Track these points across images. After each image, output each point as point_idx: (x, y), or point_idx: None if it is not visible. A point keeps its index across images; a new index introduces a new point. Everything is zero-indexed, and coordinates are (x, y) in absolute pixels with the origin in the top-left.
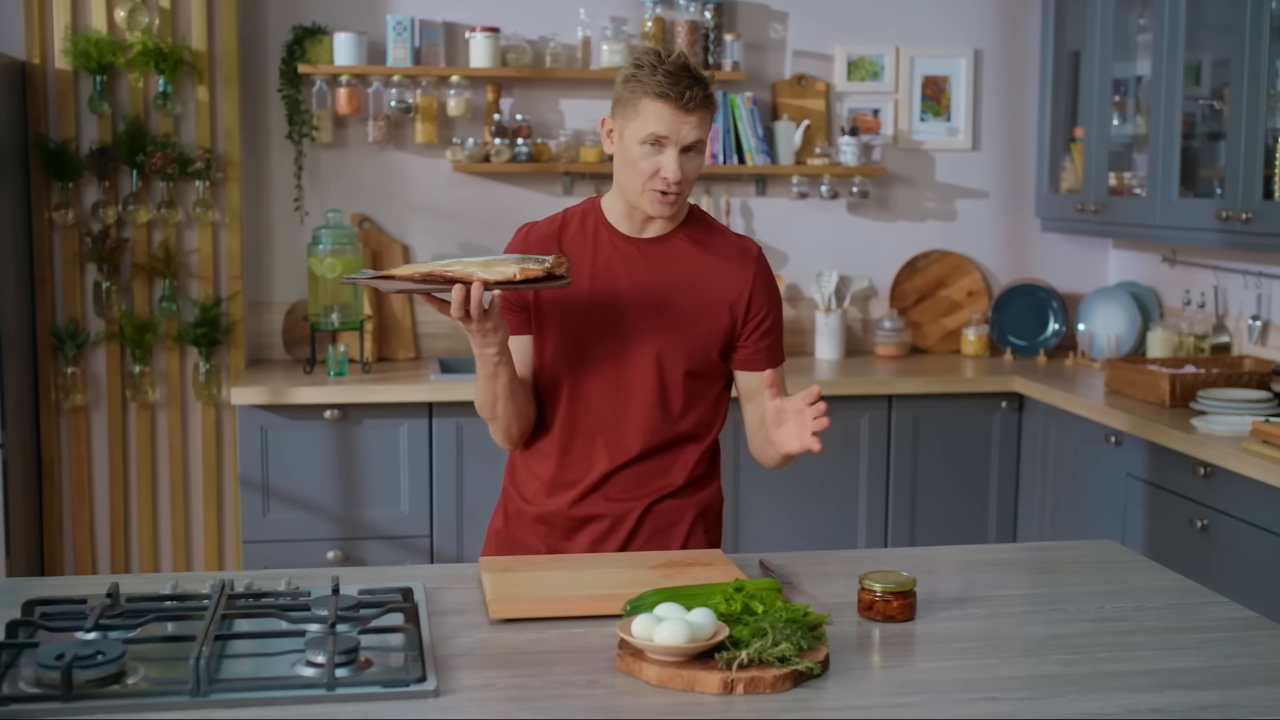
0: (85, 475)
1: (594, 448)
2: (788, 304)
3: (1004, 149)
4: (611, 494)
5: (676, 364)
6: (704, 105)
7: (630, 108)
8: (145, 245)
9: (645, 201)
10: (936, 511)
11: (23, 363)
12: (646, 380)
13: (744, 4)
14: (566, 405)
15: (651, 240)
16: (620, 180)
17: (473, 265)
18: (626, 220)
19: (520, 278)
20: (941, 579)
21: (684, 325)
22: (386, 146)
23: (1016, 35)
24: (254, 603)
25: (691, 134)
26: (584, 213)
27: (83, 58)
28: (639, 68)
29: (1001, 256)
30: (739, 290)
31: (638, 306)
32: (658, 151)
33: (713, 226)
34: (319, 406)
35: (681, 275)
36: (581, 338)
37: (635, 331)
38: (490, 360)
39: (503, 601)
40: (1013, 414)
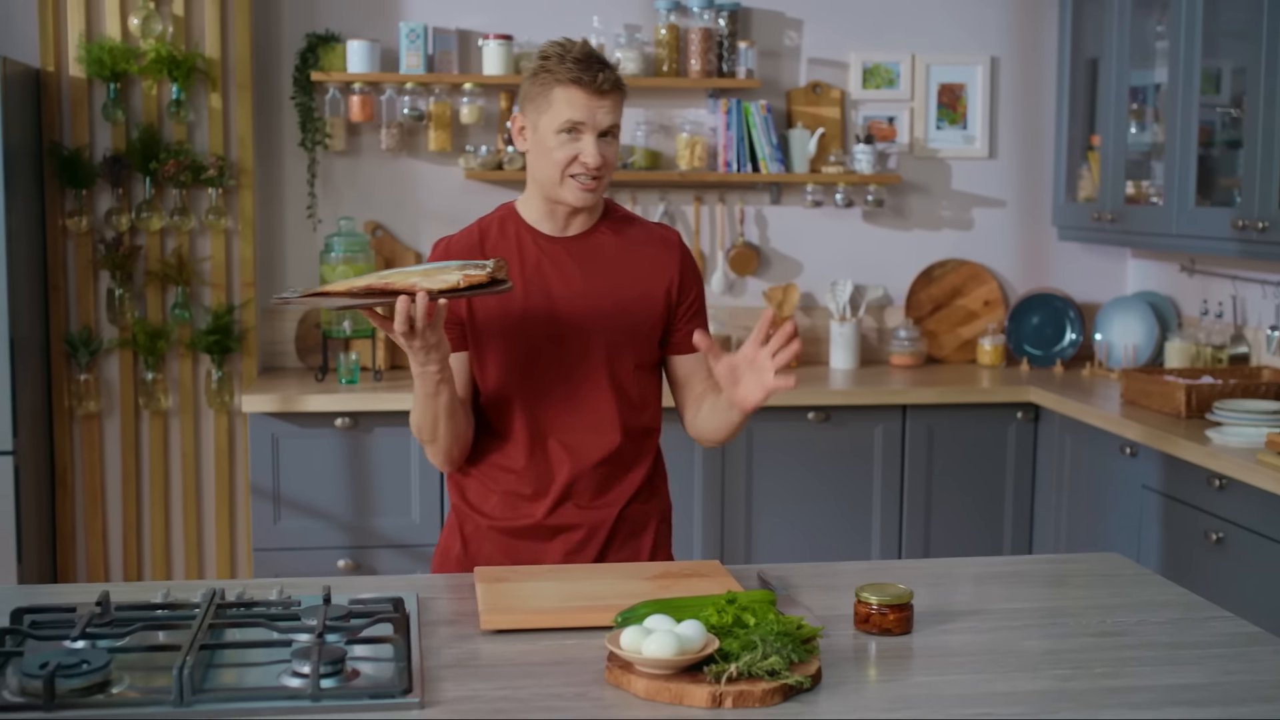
0: (98, 482)
1: (558, 454)
2: (802, 313)
3: (1021, 157)
4: (582, 501)
5: (626, 357)
6: (616, 88)
7: (542, 100)
8: (158, 252)
9: (566, 192)
10: (951, 523)
11: (36, 369)
12: (601, 379)
13: (759, 11)
14: (523, 416)
15: (576, 238)
16: (537, 175)
17: (413, 275)
18: (548, 220)
19: (464, 284)
20: (942, 591)
21: (625, 318)
22: (399, 154)
23: (1033, 43)
24: (243, 612)
25: (606, 118)
26: (501, 220)
27: (96, 65)
28: (546, 59)
29: (1018, 266)
30: (668, 276)
31: (577, 306)
32: (575, 139)
33: (630, 218)
34: (330, 414)
35: (612, 269)
36: (526, 346)
37: (581, 332)
38: (432, 378)
39: (494, 612)
40: (1028, 425)
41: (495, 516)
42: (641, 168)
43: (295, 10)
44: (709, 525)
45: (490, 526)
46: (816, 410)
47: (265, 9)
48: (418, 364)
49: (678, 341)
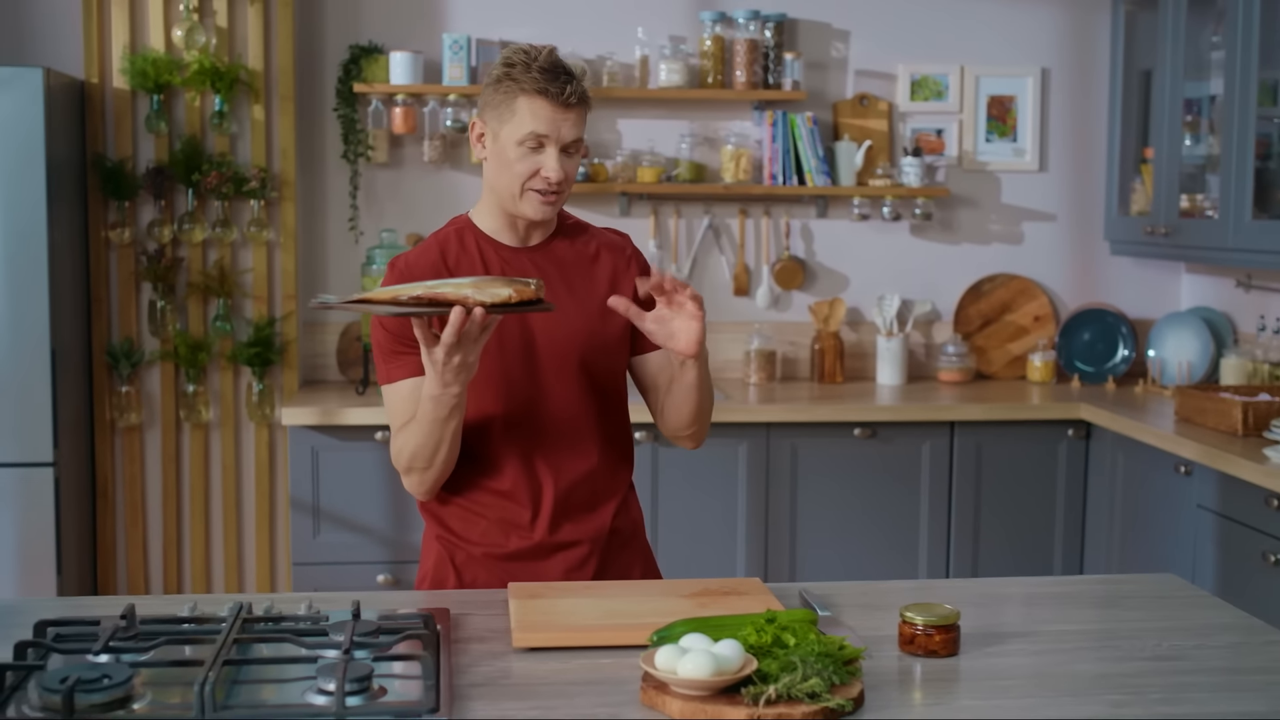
0: (139, 495)
1: (545, 471)
2: (848, 327)
3: (1072, 170)
4: (577, 516)
5: (603, 364)
6: (582, 102)
7: (505, 108)
8: (200, 264)
9: (525, 205)
10: (1000, 543)
11: (78, 381)
12: (579, 390)
13: (805, 22)
14: (505, 436)
15: (537, 248)
16: (495, 186)
17: (464, 287)
18: (509, 231)
19: (516, 299)
20: (991, 612)
21: (596, 326)
22: (442, 166)
23: (1085, 54)
24: (270, 627)
25: (571, 131)
26: (458, 233)
27: (140, 77)
28: (511, 66)
29: (1069, 280)
30: (629, 279)
31: (548, 317)
32: (537, 151)
33: (580, 224)
34: (370, 428)
35: (577, 275)
36: (502, 363)
37: (555, 344)
38: (450, 401)
39: (527, 629)
40: (1079, 442)
41: (487, 542)
42: (686, 180)
43: (338, 22)
44: (752, 542)
45: (484, 554)
46: (863, 426)
47: (308, 20)
48: (442, 384)
49: (643, 340)
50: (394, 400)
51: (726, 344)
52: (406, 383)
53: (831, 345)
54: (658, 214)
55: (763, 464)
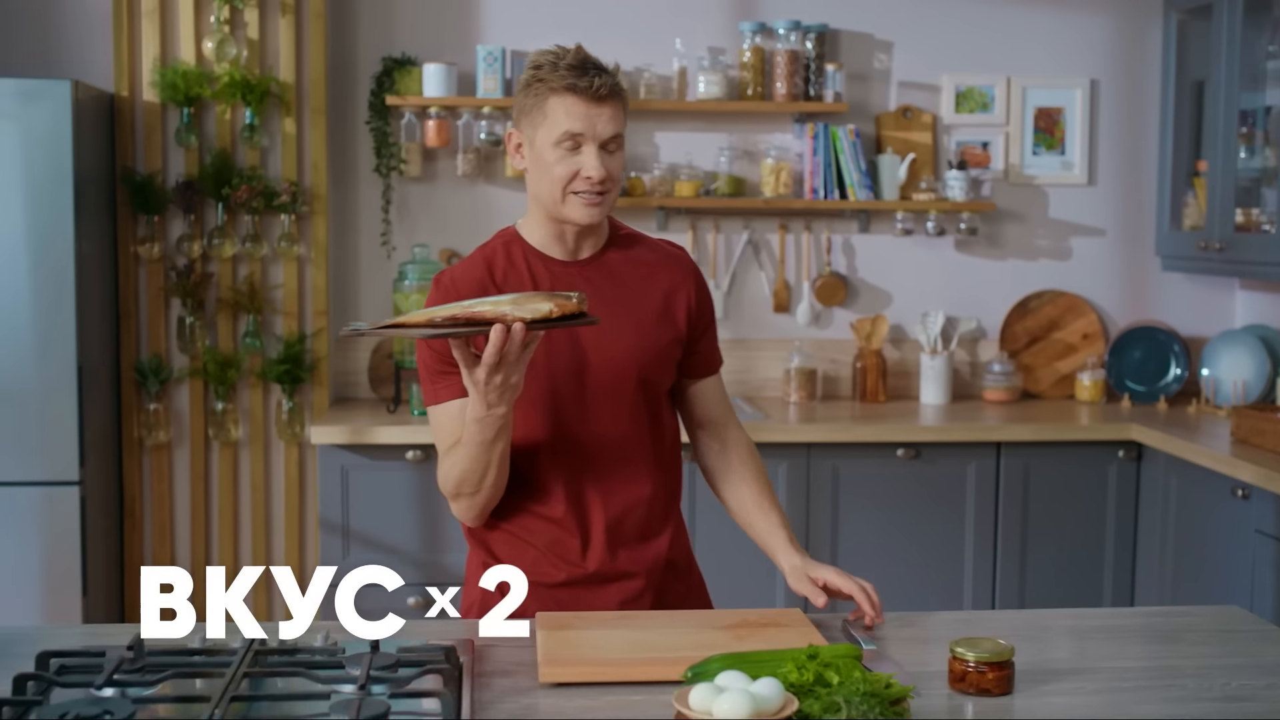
0: (167, 514)
1: (598, 497)
2: (890, 345)
3: (1122, 184)
4: (632, 545)
5: (658, 384)
6: (615, 95)
7: (537, 112)
8: (230, 280)
9: (570, 209)
10: (1048, 568)
11: (105, 398)
12: (633, 410)
13: (847, 33)
14: (556, 460)
15: (589, 261)
16: (538, 193)
17: (503, 304)
18: (558, 244)
19: (558, 314)
20: (1045, 647)
21: (651, 342)
22: (476, 180)
23: (1135, 64)
24: (284, 660)
25: (608, 127)
26: (505, 246)
27: (170, 89)
28: (538, 68)
29: (1119, 297)
30: (685, 295)
31: (602, 333)
32: (574, 151)
33: (635, 235)
34: (401, 447)
35: (631, 291)
36: (553, 383)
37: (609, 362)
38: (495, 423)
39: (554, 664)
40: (1130, 464)
41: (537, 571)
42: (725, 194)
43: (371, 34)
44: None
45: (534, 583)
46: (906, 447)
47: (341, 32)
48: (486, 406)
49: (696, 364)
50: (441, 422)
51: (766, 362)
52: (454, 404)
53: (874, 364)
54: (696, 229)
55: (803, 485)
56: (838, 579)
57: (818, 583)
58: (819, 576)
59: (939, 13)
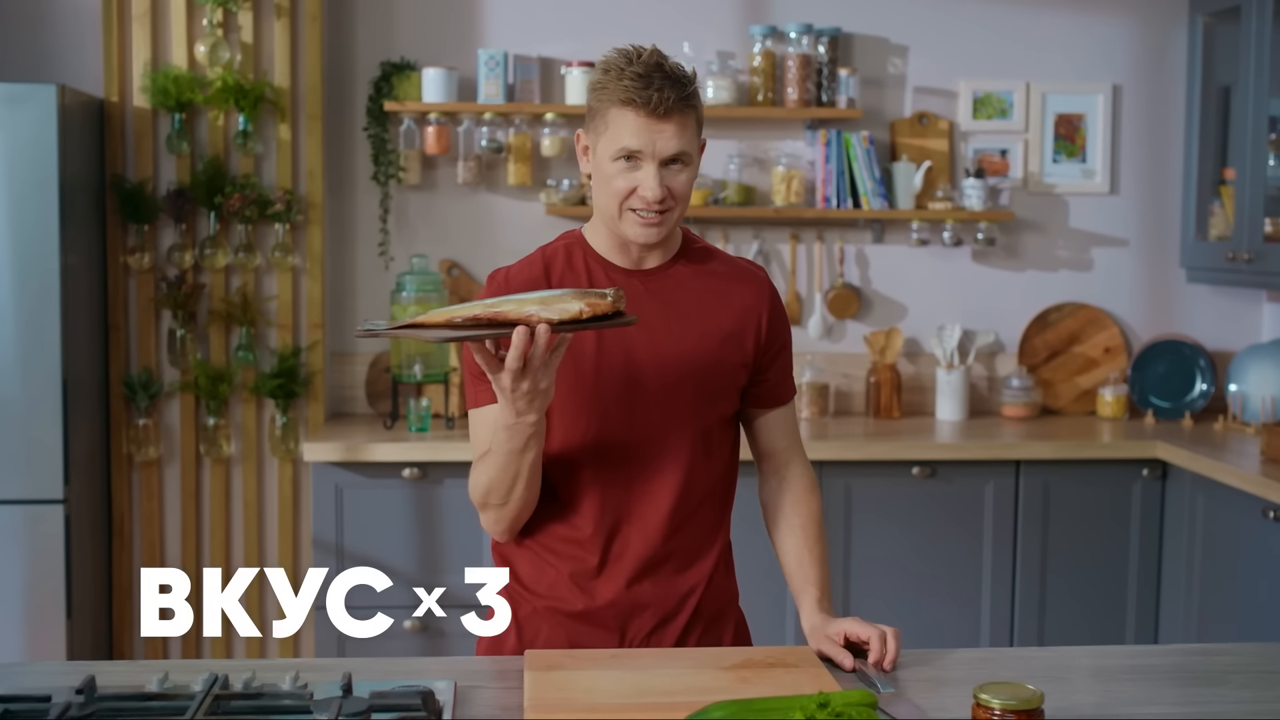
0: (157, 532)
1: (633, 521)
2: (905, 359)
3: (1145, 192)
4: (662, 576)
5: (714, 409)
6: (680, 109)
7: (600, 119)
8: (222, 291)
9: (626, 226)
10: (1069, 592)
11: (93, 414)
12: (685, 434)
13: (860, 37)
14: (593, 477)
15: (653, 272)
16: (598, 203)
17: (529, 304)
18: (621, 252)
19: (588, 315)
20: (1070, 690)
21: (713, 364)
22: (477, 188)
23: (1159, 69)
24: (247, 704)
25: (670, 144)
26: (567, 249)
27: (161, 95)
28: (606, 73)
29: (1142, 310)
30: (756, 317)
31: (660, 350)
32: (633, 168)
33: (710, 250)
34: (398, 465)
35: (696, 307)
36: (600, 395)
37: (664, 379)
38: (525, 431)
39: (542, 708)
40: (1155, 483)
41: (556, 596)
42: (734, 203)
43: (369, 37)
44: None
45: (550, 608)
46: (921, 465)
47: (337, 36)
48: (515, 413)
49: (763, 393)
50: (477, 427)
51: None
52: (491, 408)
53: (888, 378)
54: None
55: None
56: (857, 627)
57: (838, 640)
58: (838, 632)
59: (956, 16)
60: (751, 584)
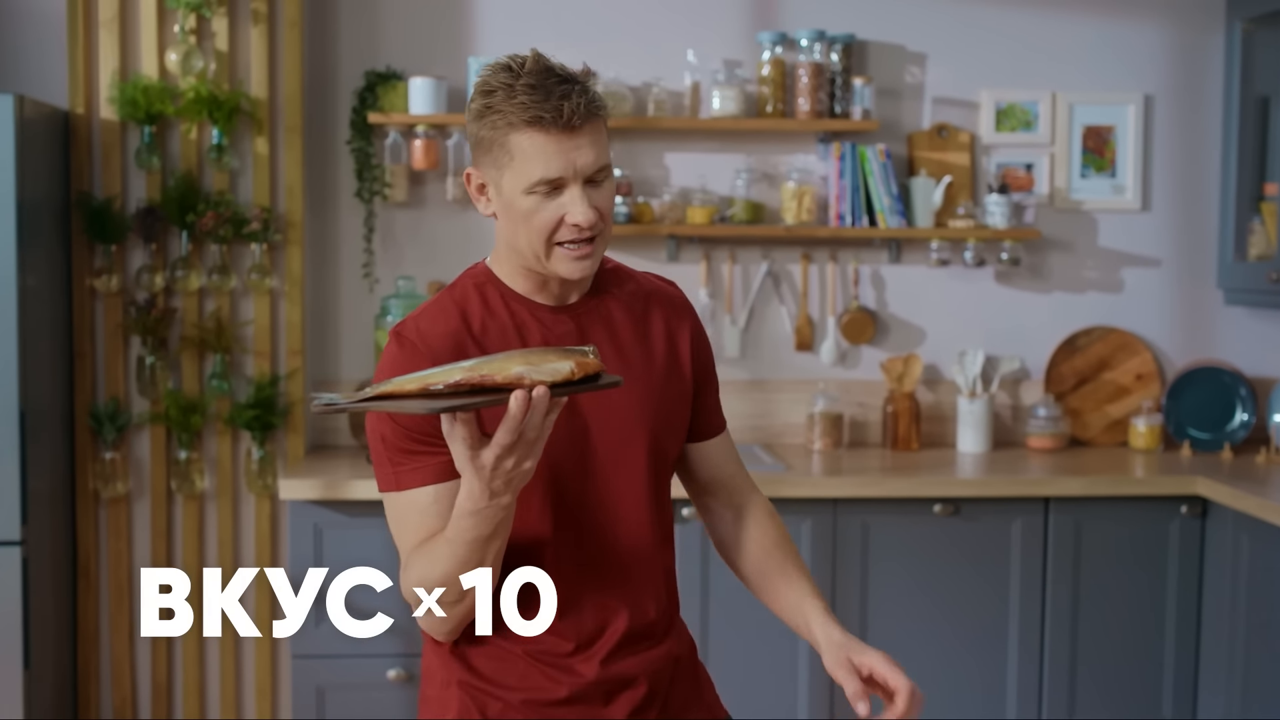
0: (125, 574)
1: (603, 592)
2: (924, 387)
3: (1179, 209)
4: (639, 645)
5: (668, 452)
6: (591, 116)
7: (499, 151)
8: (195, 316)
9: (558, 265)
10: (1103, 638)
11: (56, 447)
12: (642, 485)
13: (876, 44)
14: (553, 551)
15: (581, 306)
16: (517, 245)
17: (514, 364)
18: (540, 288)
19: (579, 374)
20: None
21: (660, 401)
22: (467, 206)
23: (1194, 78)
24: None
25: (589, 158)
26: (479, 290)
27: (130, 106)
28: (490, 94)
29: (1177, 334)
30: (685, 341)
31: (605, 396)
32: (554, 195)
33: (621, 270)
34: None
35: (633, 341)
36: (550, 458)
37: (617, 430)
38: (495, 515)
39: None
40: (1194, 521)
41: (527, 687)
42: (742, 221)
43: (352, 45)
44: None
45: (525, 700)
46: (943, 502)
47: (318, 44)
48: (489, 495)
49: (702, 422)
50: (407, 514)
51: (787, 406)
52: (424, 491)
53: (906, 407)
54: (710, 259)
55: (829, 546)
56: (886, 669)
57: (861, 671)
58: (864, 663)
59: (977, 22)
60: None
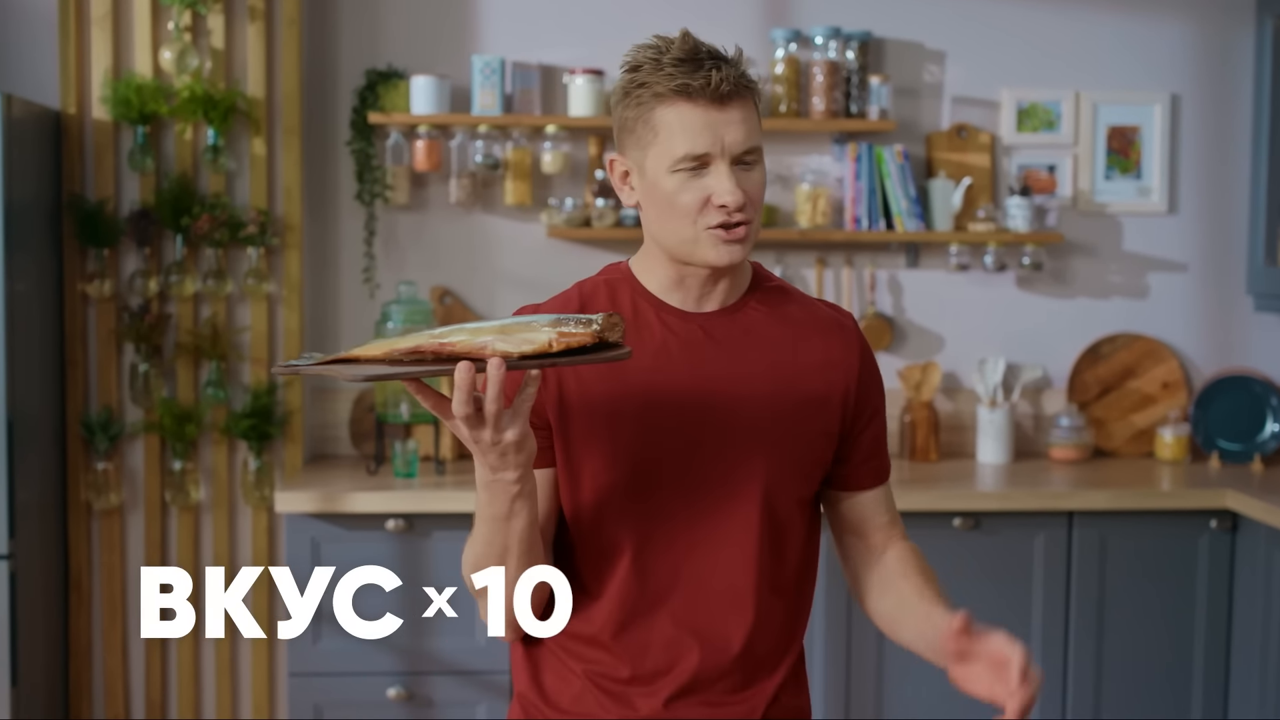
0: (119, 588)
1: (676, 626)
2: (943, 395)
3: (1207, 212)
4: (713, 695)
5: (790, 488)
6: (741, 91)
7: (644, 129)
8: (190, 322)
9: (706, 250)
10: (1129, 658)
11: (47, 458)
12: (750, 518)
13: (893, 42)
14: (628, 566)
15: (718, 315)
16: (660, 235)
17: (485, 333)
18: (677, 290)
19: (558, 348)
20: None
21: (791, 431)
22: (472, 209)
23: (1224, 76)
24: None
25: (738, 135)
26: (610, 286)
27: (123, 106)
28: (636, 69)
29: (1204, 341)
30: (845, 377)
31: (723, 410)
32: (700, 174)
33: (786, 290)
34: (380, 516)
35: (771, 359)
36: (644, 462)
37: (728, 447)
38: (506, 493)
39: None
40: (1224, 535)
41: (580, 711)
42: None
43: (352, 43)
44: (832, 665)
45: None
46: (963, 516)
47: (318, 41)
48: (488, 469)
49: (849, 473)
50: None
51: None
52: None
53: (924, 417)
54: None
55: None
56: (1005, 644)
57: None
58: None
59: (998, 19)
60: None
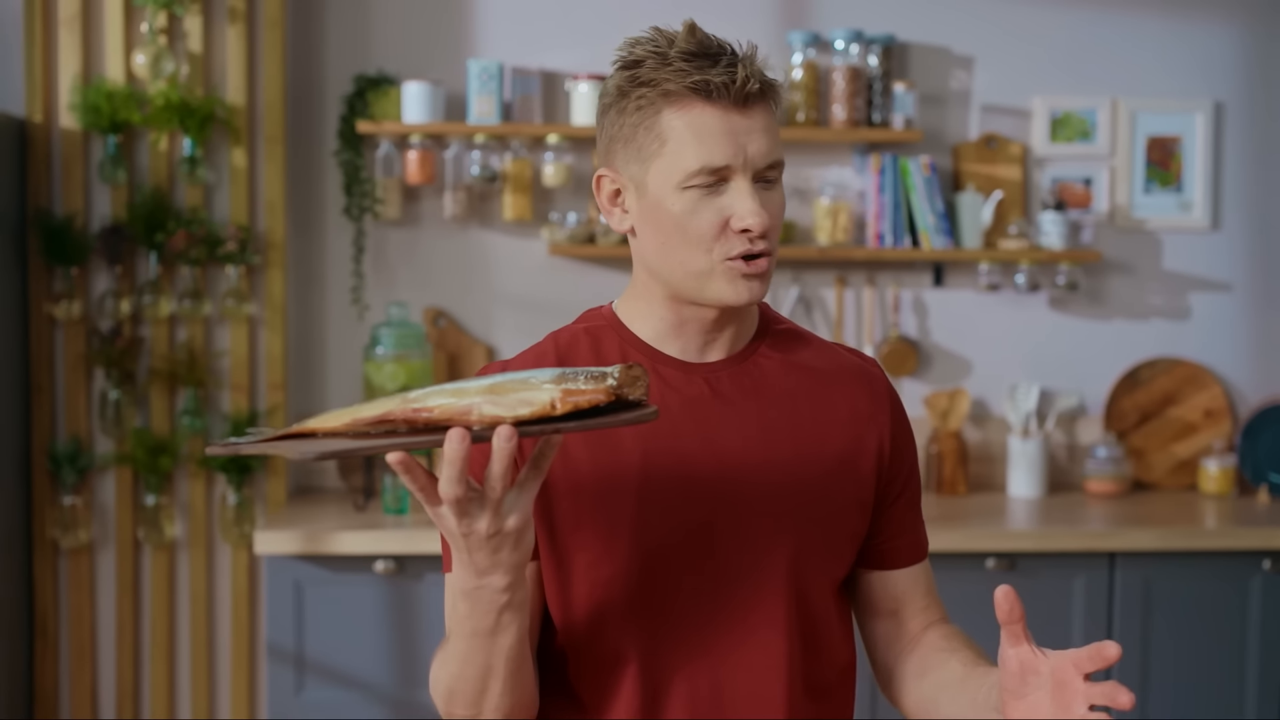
0: (88, 632)
1: None
2: (972, 424)
3: (1252, 228)
4: None
5: (821, 570)
6: (767, 92)
7: (645, 137)
8: (165, 346)
9: (720, 285)
10: (1176, 710)
11: (11, 491)
12: (776, 605)
13: (918, 47)
14: (634, 670)
15: (724, 365)
16: (661, 267)
17: (469, 394)
18: (676, 337)
19: (563, 410)
20: None
21: (816, 500)
22: (468, 224)
23: (1269, 83)
24: None
25: (762, 145)
26: (592, 335)
27: (93, 114)
28: (636, 65)
29: (1250, 366)
30: (876, 433)
31: (735, 482)
32: (717, 192)
33: (799, 333)
34: (367, 558)
35: (789, 416)
36: (645, 551)
37: (743, 527)
38: (495, 602)
39: None
40: (1277, 578)
41: None
42: None
43: (340, 47)
44: (860, 712)
45: None
46: (998, 557)
47: (303, 46)
48: (473, 572)
49: (882, 545)
50: (448, 603)
51: None
52: None
53: (952, 448)
54: None
55: None
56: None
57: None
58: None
59: (1029, 22)
60: None
